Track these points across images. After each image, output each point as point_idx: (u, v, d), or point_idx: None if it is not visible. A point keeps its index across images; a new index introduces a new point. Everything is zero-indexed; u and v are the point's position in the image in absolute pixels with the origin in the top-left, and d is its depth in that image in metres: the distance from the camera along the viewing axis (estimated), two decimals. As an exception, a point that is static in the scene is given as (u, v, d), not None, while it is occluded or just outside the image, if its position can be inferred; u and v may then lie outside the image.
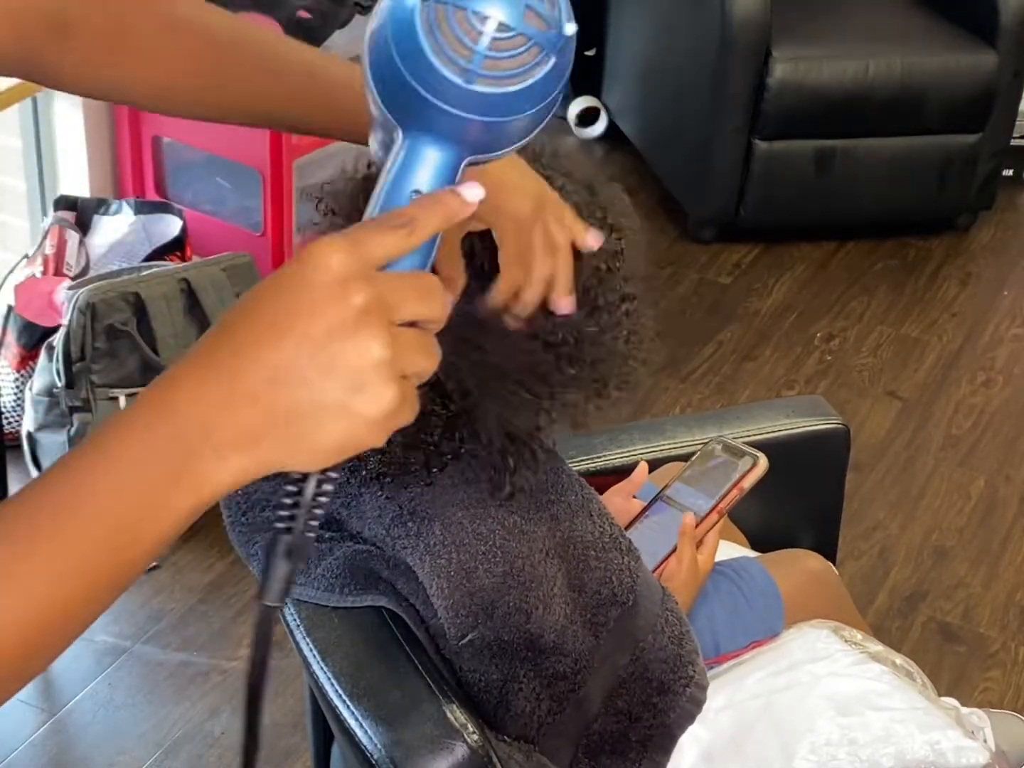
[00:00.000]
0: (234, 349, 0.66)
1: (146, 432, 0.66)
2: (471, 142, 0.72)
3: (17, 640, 0.67)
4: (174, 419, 0.65)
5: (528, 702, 1.17)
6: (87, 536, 0.66)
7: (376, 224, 0.69)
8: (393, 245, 0.67)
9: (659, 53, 3.91)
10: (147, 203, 2.96)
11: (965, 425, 3.09)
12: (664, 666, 1.24)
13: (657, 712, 1.24)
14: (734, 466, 1.52)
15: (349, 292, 0.64)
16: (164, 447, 0.65)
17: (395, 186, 0.73)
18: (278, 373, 0.65)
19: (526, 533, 1.16)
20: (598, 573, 1.20)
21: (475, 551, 1.15)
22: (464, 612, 1.15)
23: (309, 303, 0.65)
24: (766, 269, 3.65)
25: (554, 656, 1.17)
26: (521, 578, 1.15)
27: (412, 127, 0.72)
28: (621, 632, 1.21)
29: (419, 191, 0.72)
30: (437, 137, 0.71)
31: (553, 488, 1.20)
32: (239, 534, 1.30)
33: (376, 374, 0.65)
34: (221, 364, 0.66)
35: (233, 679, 2.30)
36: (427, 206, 0.70)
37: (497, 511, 1.16)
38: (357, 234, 0.67)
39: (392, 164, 0.73)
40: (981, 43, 3.60)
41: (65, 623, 0.68)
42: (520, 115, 0.70)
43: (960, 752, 1.41)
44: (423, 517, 1.17)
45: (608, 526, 1.22)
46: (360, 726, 1.15)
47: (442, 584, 1.15)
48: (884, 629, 2.46)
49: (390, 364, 0.65)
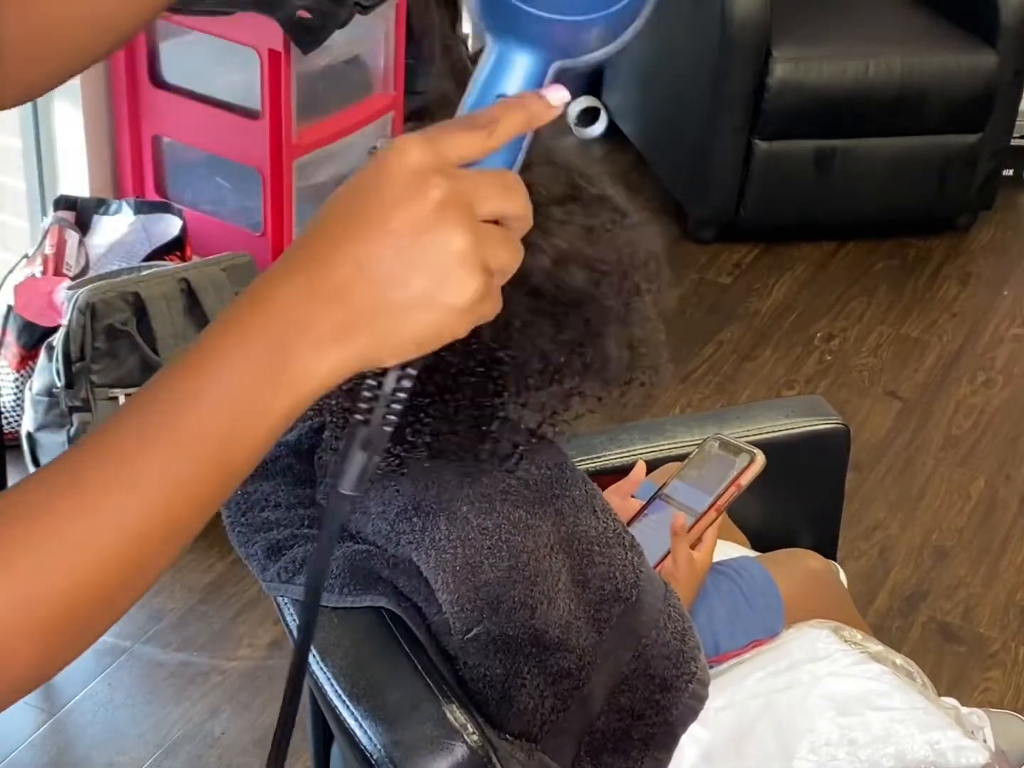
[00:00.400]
0: (320, 246, 0.67)
1: (242, 338, 0.67)
2: (555, 45, 0.73)
3: (133, 548, 0.68)
4: (269, 320, 0.66)
5: (531, 699, 1.17)
6: (194, 454, 0.67)
7: (456, 124, 0.70)
8: (472, 144, 0.68)
9: (659, 53, 3.91)
10: (147, 203, 2.96)
11: (965, 425, 3.09)
12: (667, 662, 1.24)
13: (660, 709, 1.24)
14: (731, 463, 1.52)
15: (428, 185, 0.65)
16: (261, 350, 0.66)
17: (483, 90, 0.74)
18: (365, 266, 0.66)
19: (531, 528, 1.16)
20: (602, 569, 1.20)
21: (480, 546, 1.15)
22: (469, 607, 1.15)
23: (390, 197, 0.66)
24: (766, 269, 3.65)
25: (558, 652, 1.17)
26: (526, 572, 1.15)
27: (499, 31, 0.73)
28: (624, 628, 1.21)
29: (505, 95, 0.73)
30: (522, 41, 0.72)
31: (558, 483, 1.20)
32: (239, 534, 1.30)
33: (460, 264, 0.66)
34: (310, 261, 0.67)
35: (233, 679, 2.30)
36: (510, 107, 0.71)
37: (502, 506, 1.16)
38: (436, 133, 0.68)
39: (481, 69, 0.74)
40: (981, 43, 3.60)
41: (173, 536, 0.69)
42: (597, 13, 0.71)
43: (960, 752, 1.41)
44: (428, 512, 1.17)
45: (612, 522, 1.23)
46: (360, 726, 1.15)
47: (447, 579, 1.15)
48: (884, 629, 2.46)
49: (473, 255, 0.66)
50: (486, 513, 1.16)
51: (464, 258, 0.66)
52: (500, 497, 1.16)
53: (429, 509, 1.17)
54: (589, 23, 0.72)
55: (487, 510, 1.16)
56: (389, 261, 0.66)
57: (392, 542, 1.20)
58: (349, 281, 0.66)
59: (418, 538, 1.17)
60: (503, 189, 0.69)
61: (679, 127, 3.77)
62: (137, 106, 2.97)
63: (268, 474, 1.31)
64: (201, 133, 2.94)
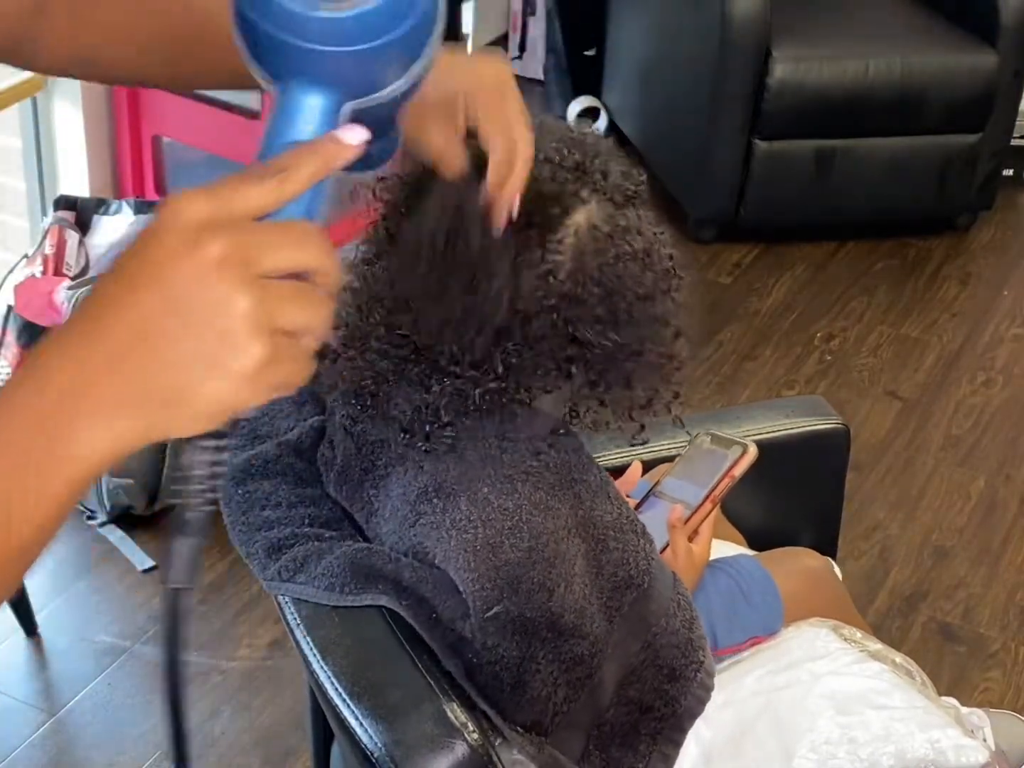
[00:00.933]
0: (98, 311, 0.62)
1: (7, 420, 0.62)
2: (341, 81, 0.70)
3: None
4: (41, 394, 0.62)
5: (545, 686, 1.18)
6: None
7: (242, 176, 0.65)
8: (261, 195, 0.64)
9: (659, 53, 3.91)
10: (147, 203, 2.96)
11: (965, 425, 3.09)
12: (676, 651, 1.24)
13: (668, 700, 1.25)
14: (723, 456, 1.52)
15: (203, 240, 0.61)
16: (24, 434, 0.62)
17: (272, 139, 0.70)
18: (141, 329, 0.61)
19: (551, 509, 1.17)
20: (616, 555, 1.20)
21: (501, 526, 1.15)
22: (490, 586, 1.16)
23: (164, 254, 0.61)
24: (766, 269, 3.65)
25: (572, 638, 1.18)
26: (546, 553, 1.16)
27: (281, 75, 0.70)
28: (635, 617, 1.21)
29: (299, 142, 0.68)
30: (305, 81, 0.69)
31: (576, 468, 1.21)
32: (239, 533, 1.30)
33: (242, 327, 0.61)
34: (84, 328, 0.62)
35: (233, 679, 2.30)
36: (301, 154, 0.66)
37: (523, 487, 1.17)
38: (222, 185, 0.64)
39: (270, 118, 0.71)
40: (981, 43, 3.60)
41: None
42: (373, 43, 0.68)
43: (960, 751, 1.41)
44: (449, 493, 1.18)
45: (624, 509, 1.24)
46: (360, 725, 1.15)
47: (469, 558, 1.16)
48: (884, 629, 2.46)
49: (254, 315, 0.61)
50: (507, 494, 1.16)
51: (246, 318, 0.61)
52: (521, 479, 1.17)
53: (450, 490, 1.18)
54: (370, 54, 0.68)
55: (508, 491, 1.17)
56: (167, 322, 0.61)
57: (409, 523, 1.20)
58: (123, 348, 0.61)
59: (439, 519, 1.18)
60: (296, 240, 0.63)
61: (679, 127, 3.77)
62: (137, 106, 2.97)
63: (268, 473, 1.31)
64: (201, 133, 2.94)
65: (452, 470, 1.18)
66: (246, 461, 1.31)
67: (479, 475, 1.17)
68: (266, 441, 1.32)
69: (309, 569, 1.24)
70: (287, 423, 1.34)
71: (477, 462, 1.18)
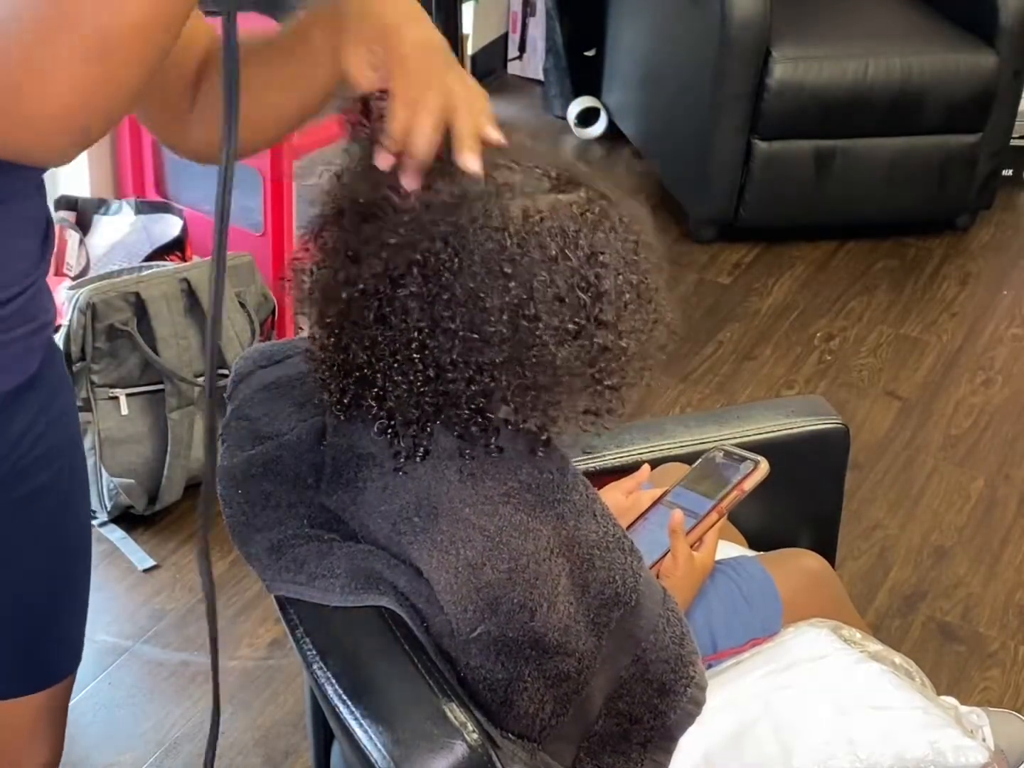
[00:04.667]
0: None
1: None
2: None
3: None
4: None
5: (532, 703, 1.18)
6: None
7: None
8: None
9: (659, 53, 3.91)
10: (147, 203, 2.96)
11: (965, 425, 3.10)
12: (665, 666, 1.24)
13: (658, 714, 1.25)
14: (735, 469, 1.52)
15: None
16: None
17: None
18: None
19: (532, 531, 1.16)
20: (602, 573, 1.20)
21: (481, 547, 1.15)
22: (471, 607, 1.15)
23: None
24: (766, 269, 3.65)
25: (558, 656, 1.17)
26: (526, 575, 1.15)
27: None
28: (623, 633, 1.21)
29: None
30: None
31: (559, 487, 1.20)
32: (240, 533, 1.30)
33: None
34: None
35: (233, 679, 2.30)
36: None
37: (504, 508, 1.16)
38: None
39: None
40: (981, 43, 3.60)
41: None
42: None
43: (959, 751, 1.41)
44: (429, 513, 1.17)
45: (611, 526, 1.23)
46: (360, 725, 1.15)
47: (449, 579, 1.15)
48: (884, 629, 2.47)
49: None
50: (488, 515, 1.16)
51: None
52: (502, 500, 1.17)
53: (431, 510, 1.17)
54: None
55: (489, 512, 1.16)
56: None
57: (393, 542, 1.20)
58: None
59: (419, 538, 1.17)
60: None
61: (679, 127, 3.78)
62: (137, 106, 2.97)
63: (269, 474, 1.31)
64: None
65: (432, 489, 1.18)
66: (246, 461, 1.31)
67: (458, 495, 1.17)
68: (266, 442, 1.32)
69: (310, 569, 1.24)
70: (287, 424, 1.34)
71: (457, 482, 1.18)
